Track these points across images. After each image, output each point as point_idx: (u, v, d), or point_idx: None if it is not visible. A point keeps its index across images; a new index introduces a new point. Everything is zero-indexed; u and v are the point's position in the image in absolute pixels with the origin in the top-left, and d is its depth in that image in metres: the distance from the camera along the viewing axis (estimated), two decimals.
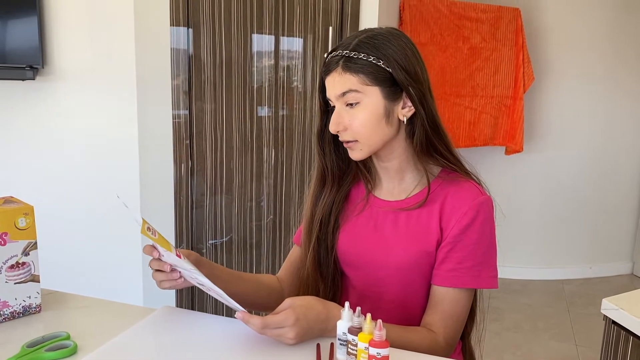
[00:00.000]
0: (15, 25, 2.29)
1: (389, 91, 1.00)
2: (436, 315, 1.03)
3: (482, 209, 1.02)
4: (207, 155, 2.29)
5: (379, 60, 0.99)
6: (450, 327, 1.03)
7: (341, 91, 1.01)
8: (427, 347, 0.99)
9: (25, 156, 2.46)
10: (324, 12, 2.21)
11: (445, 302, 1.03)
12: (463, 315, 1.05)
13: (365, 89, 1.00)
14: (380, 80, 0.99)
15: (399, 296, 1.07)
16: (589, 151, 3.52)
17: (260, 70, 2.27)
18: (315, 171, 1.17)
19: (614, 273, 3.67)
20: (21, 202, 1.04)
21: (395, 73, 0.99)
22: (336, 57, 1.01)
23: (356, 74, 0.99)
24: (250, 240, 2.38)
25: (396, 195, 1.10)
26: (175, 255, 0.93)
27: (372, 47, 0.99)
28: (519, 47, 3.20)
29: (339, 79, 1.01)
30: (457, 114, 3.20)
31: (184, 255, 1.00)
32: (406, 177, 1.09)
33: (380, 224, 1.09)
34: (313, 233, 1.14)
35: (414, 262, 1.04)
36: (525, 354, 2.64)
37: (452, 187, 1.05)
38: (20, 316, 1.04)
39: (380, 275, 1.08)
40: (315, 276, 1.15)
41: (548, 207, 3.57)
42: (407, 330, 1.01)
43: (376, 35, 1.01)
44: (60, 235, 2.43)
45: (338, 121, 1.02)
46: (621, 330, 1.27)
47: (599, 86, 3.45)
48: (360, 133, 1.02)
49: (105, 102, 2.35)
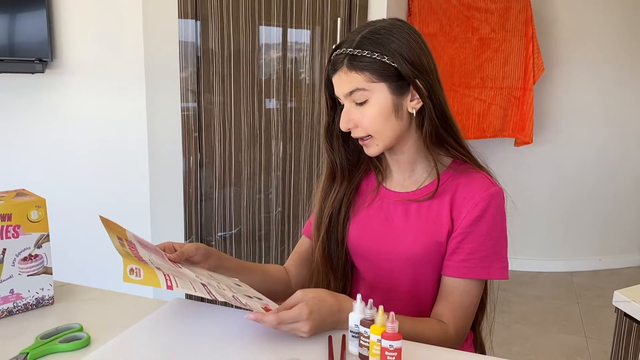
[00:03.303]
0: (24, 19, 2.29)
1: (396, 86, 0.99)
2: (446, 306, 1.03)
3: (494, 200, 1.02)
4: (216, 147, 2.29)
5: (383, 57, 0.98)
6: (460, 318, 1.03)
7: (348, 90, 1.00)
8: (437, 337, 0.99)
9: (36, 149, 2.47)
10: (332, 4, 2.20)
11: (455, 293, 1.03)
12: (473, 306, 1.05)
13: (372, 86, 0.99)
14: (387, 76, 0.99)
15: (410, 287, 1.08)
16: (599, 143, 3.49)
17: (268, 62, 2.26)
18: (324, 167, 1.17)
19: (623, 265, 3.65)
20: (33, 195, 1.05)
21: (400, 67, 0.98)
22: (341, 55, 1.01)
23: (362, 72, 0.98)
24: (259, 232, 2.38)
25: (407, 187, 1.10)
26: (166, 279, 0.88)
27: (376, 43, 0.98)
28: (528, 38, 3.17)
29: (345, 77, 1.00)
30: (467, 105, 3.18)
31: (191, 249, 1.02)
32: (417, 169, 1.09)
33: (390, 216, 1.09)
34: (322, 227, 1.14)
35: (424, 253, 1.04)
36: (534, 346, 2.63)
37: (463, 178, 1.05)
38: (33, 308, 1.05)
39: (391, 267, 1.08)
40: (325, 269, 1.15)
41: (557, 199, 3.55)
42: (416, 321, 1.01)
43: (379, 30, 1.00)
44: (71, 227, 2.44)
45: (348, 118, 1.02)
46: (633, 322, 1.27)
47: (609, 78, 3.41)
48: (371, 129, 1.02)
49: (114, 95, 2.35)
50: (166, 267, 0.94)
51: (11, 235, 0.99)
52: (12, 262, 1.00)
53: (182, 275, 0.93)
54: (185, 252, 1.03)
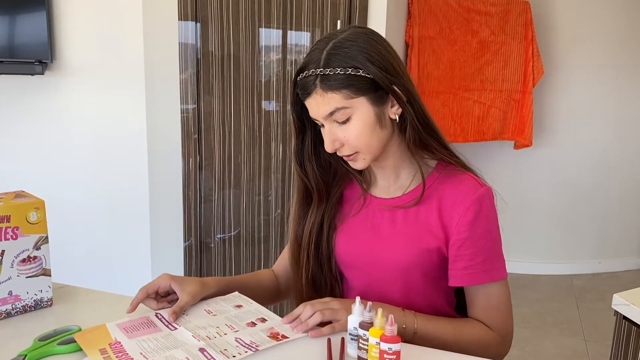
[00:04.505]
0: (24, 20, 2.29)
1: (375, 96, 0.96)
2: (478, 313, 1.03)
3: (485, 201, 1.00)
4: (215, 149, 2.29)
5: (357, 70, 0.94)
6: (494, 319, 1.02)
7: (328, 112, 0.96)
8: (478, 335, 1.00)
9: (35, 150, 2.47)
10: (332, 6, 2.20)
11: (479, 298, 1.02)
12: (503, 304, 1.03)
13: (352, 103, 0.95)
14: (365, 89, 0.95)
15: (401, 295, 1.05)
16: (598, 146, 3.49)
17: (268, 64, 2.26)
18: (295, 191, 1.12)
19: (622, 268, 3.65)
20: (32, 197, 1.05)
21: (376, 77, 0.94)
22: (311, 77, 0.96)
23: (338, 91, 0.94)
24: (259, 234, 2.38)
25: (392, 193, 1.08)
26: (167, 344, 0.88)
27: (345, 57, 0.94)
28: (528, 40, 3.18)
29: (322, 100, 0.95)
30: (466, 108, 3.18)
31: (187, 302, 0.99)
32: (402, 174, 1.07)
33: (377, 223, 1.07)
34: (303, 255, 1.11)
35: (414, 261, 1.02)
36: (534, 349, 2.63)
37: (449, 180, 1.03)
38: (31, 310, 1.05)
39: (381, 276, 1.06)
40: (311, 294, 1.12)
41: (557, 202, 3.55)
42: (454, 320, 1.02)
43: (343, 42, 0.95)
44: (70, 229, 2.44)
45: (333, 139, 0.99)
46: (632, 326, 1.26)
47: (608, 81, 3.42)
48: (358, 145, 0.99)
49: (114, 97, 2.35)
50: (160, 343, 0.90)
51: (10, 237, 0.99)
52: (10, 263, 1.00)
53: (177, 347, 0.88)
54: (184, 306, 0.99)
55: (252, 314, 1.00)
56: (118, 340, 0.90)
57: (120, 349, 0.87)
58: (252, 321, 0.97)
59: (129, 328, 0.94)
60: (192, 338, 0.91)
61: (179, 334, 0.92)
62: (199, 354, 0.86)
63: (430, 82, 3.01)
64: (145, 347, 0.88)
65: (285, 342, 0.91)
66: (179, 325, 0.95)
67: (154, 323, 0.97)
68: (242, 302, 1.05)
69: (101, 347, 0.88)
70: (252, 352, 0.87)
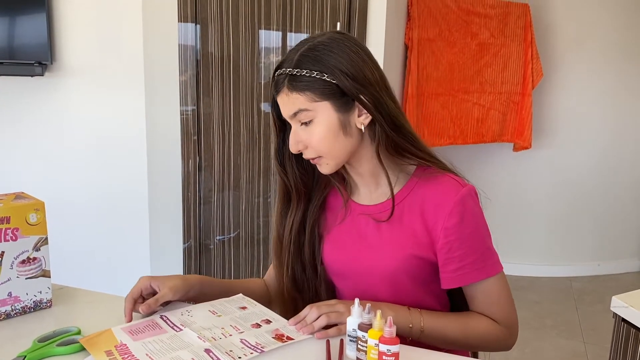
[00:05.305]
0: (24, 22, 2.30)
1: (340, 103, 0.96)
2: (478, 308, 1.03)
3: (468, 202, 0.99)
4: (215, 151, 2.30)
5: (322, 74, 0.94)
6: (497, 314, 1.02)
7: (292, 112, 0.97)
8: (485, 329, 1.01)
9: (35, 152, 2.47)
10: (332, 8, 2.21)
11: (478, 296, 1.02)
12: (504, 298, 1.03)
13: (315, 106, 0.96)
14: (329, 94, 0.95)
15: (392, 301, 1.04)
16: (598, 148, 3.49)
17: (267, 66, 2.27)
18: (278, 190, 1.12)
19: (622, 270, 3.65)
20: (32, 198, 1.05)
21: (342, 84, 0.94)
22: (282, 75, 0.97)
23: (303, 93, 0.95)
24: (258, 236, 2.38)
25: (375, 199, 1.07)
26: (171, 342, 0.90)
27: (314, 60, 0.95)
28: (527, 43, 3.18)
29: (287, 99, 0.97)
30: (465, 110, 3.18)
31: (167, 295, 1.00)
32: (381, 181, 1.06)
33: (363, 231, 1.07)
34: (285, 253, 1.12)
35: (402, 267, 1.01)
36: (533, 351, 2.63)
37: (429, 184, 1.02)
38: (31, 311, 1.05)
39: (370, 283, 1.05)
40: (293, 294, 1.12)
41: (556, 204, 3.55)
42: (460, 315, 1.03)
43: (317, 46, 0.96)
44: (70, 230, 2.44)
45: (296, 140, 0.99)
46: (631, 328, 1.27)
47: (607, 83, 3.42)
48: (320, 150, 0.99)
49: (114, 98, 2.36)
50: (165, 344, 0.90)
51: (10, 238, 0.99)
52: (10, 265, 1.00)
53: (183, 348, 0.89)
54: (161, 299, 1.00)
55: (257, 315, 1.01)
56: (124, 343, 0.90)
57: (126, 351, 0.87)
58: (257, 322, 0.98)
59: (134, 331, 0.94)
60: (198, 339, 0.91)
61: (185, 335, 0.93)
62: (204, 355, 0.86)
63: (430, 84, 3.02)
64: (151, 348, 0.88)
65: (290, 343, 0.91)
66: (184, 326, 0.95)
67: (159, 325, 0.97)
68: (247, 303, 1.06)
69: (107, 349, 0.88)
70: (258, 353, 0.87)
